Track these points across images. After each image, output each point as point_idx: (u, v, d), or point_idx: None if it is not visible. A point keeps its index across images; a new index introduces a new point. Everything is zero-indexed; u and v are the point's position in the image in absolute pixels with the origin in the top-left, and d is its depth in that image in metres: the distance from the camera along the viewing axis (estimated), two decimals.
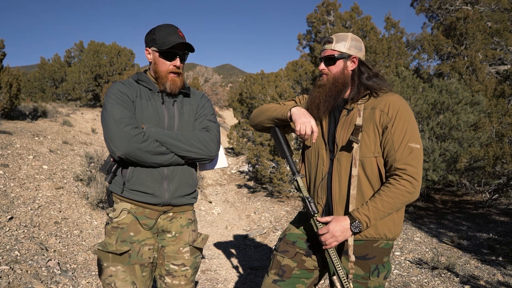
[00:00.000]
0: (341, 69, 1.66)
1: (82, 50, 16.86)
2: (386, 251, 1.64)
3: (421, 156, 1.55)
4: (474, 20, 9.17)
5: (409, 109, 1.59)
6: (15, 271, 2.85)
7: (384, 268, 1.63)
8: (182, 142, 1.64)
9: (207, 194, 7.83)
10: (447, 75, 9.26)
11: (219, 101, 25.85)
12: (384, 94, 1.62)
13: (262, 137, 8.76)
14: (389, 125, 1.54)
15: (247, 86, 13.17)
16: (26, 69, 37.48)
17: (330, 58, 1.66)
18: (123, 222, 1.67)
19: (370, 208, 1.51)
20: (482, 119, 5.86)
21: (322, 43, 1.70)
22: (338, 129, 1.65)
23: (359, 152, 1.57)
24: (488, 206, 6.00)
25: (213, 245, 4.74)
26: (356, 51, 1.67)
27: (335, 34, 1.68)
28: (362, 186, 1.58)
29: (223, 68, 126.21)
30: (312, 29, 12.32)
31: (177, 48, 1.66)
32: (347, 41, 1.65)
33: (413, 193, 1.51)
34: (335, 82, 1.65)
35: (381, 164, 1.57)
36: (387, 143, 1.54)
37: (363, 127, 1.58)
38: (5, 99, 7.96)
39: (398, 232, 1.64)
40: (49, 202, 4.35)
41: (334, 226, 1.54)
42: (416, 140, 1.53)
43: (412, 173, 1.49)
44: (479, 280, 3.40)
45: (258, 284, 3.60)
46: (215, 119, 1.84)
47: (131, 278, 1.65)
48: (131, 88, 1.70)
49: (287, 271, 1.70)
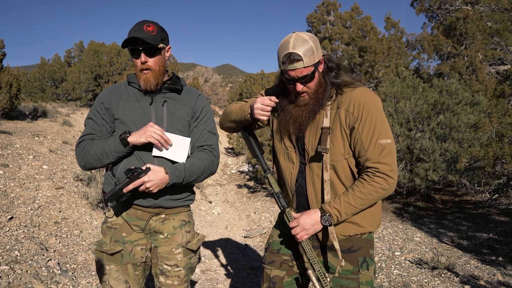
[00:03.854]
0: (318, 79, 1.54)
1: (82, 50, 16.87)
2: (370, 243, 1.62)
3: (393, 150, 1.50)
4: (474, 20, 9.17)
5: (375, 102, 1.50)
6: (15, 271, 2.85)
7: (372, 261, 1.61)
8: (196, 175, 1.69)
9: (207, 194, 7.83)
10: (447, 75, 9.26)
11: (219, 101, 25.84)
12: (348, 89, 1.53)
13: (262, 137, 8.76)
14: (356, 124, 1.48)
15: (247, 86, 13.17)
16: (26, 69, 37.49)
17: (308, 76, 1.48)
18: (116, 222, 1.71)
19: (342, 203, 1.49)
20: (482, 119, 5.86)
21: (286, 61, 1.45)
22: (306, 133, 1.58)
23: (329, 156, 1.52)
24: (488, 206, 6.00)
25: (213, 245, 4.74)
26: (320, 50, 1.51)
27: (294, 46, 1.44)
28: (336, 188, 1.55)
29: (223, 68, 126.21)
30: (312, 29, 12.32)
31: (137, 43, 1.59)
32: (313, 48, 1.46)
33: (388, 189, 1.48)
34: (317, 95, 1.54)
35: (353, 165, 1.54)
36: (356, 143, 1.49)
37: (330, 129, 1.52)
38: (5, 99, 7.96)
39: (379, 223, 1.64)
40: (49, 202, 4.35)
41: (304, 219, 1.53)
42: (385, 135, 1.48)
43: (385, 171, 1.46)
44: (479, 280, 3.40)
45: (258, 284, 3.60)
46: (215, 129, 1.83)
47: (124, 277, 1.69)
48: (115, 92, 1.72)
49: (278, 281, 1.69)
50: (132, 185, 1.52)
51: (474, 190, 6.00)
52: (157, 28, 1.64)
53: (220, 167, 11.15)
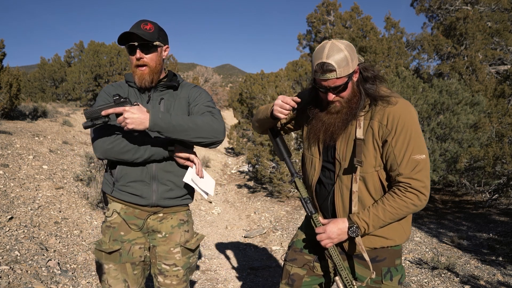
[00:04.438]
0: (351, 89, 1.49)
1: (82, 50, 16.86)
2: (396, 253, 1.60)
3: (427, 166, 1.45)
4: (474, 20, 9.17)
5: (411, 115, 1.45)
6: (15, 271, 2.85)
7: (397, 271, 1.59)
8: (191, 128, 1.54)
9: None
10: (447, 75, 9.26)
11: (219, 101, 25.87)
12: (384, 102, 1.48)
13: (262, 137, 8.76)
14: (389, 138, 1.44)
15: (247, 86, 13.17)
16: (26, 69, 37.50)
17: (340, 87, 1.44)
18: (114, 221, 1.71)
19: (370, 215, 1.47)
20: (482, 119, 5.86)
21: (319, 71, 1.41)
22: (337, 143, 1.55)
23: (359, 170, 1.50)
24: (488, 206, 5.99)
25: (213, 245, 4.74)
26: (356, 60, 1.45)
27: (328, 55, 1.39)
28: (364, 200, 1.52)
29: (223, 68, 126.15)
30: (312, 29, 12.33)
31: (133, 40, 1.60)
32: (347, 58, 1.40)
33: (420, 206, 1.45)
34: (350, 104, 1.50)
35: (383, 178, 1.51)
36: (388, 157, 1.45)
37: (364, 141, 1.48)
38: (5, 99, 7.96)
39: (408, 236, 1.61)
40: (49, 202, 4.35)
41: (331, 227, 1.52)
42: (420, 150, 1.43)
43: (418, 187, 1.42)
44: (479, 280, 3.40)
45: (258, 284, 3.60)
46: (214, 104, 1.76)
47: (123, 276, 1.68)
48: (119, 89, 1.72)
49: (297, 280, 1.69)
50: (112, 109, 1.45)
51: (474, 190, 6.00)
52: (155, 27, 1.65)
53: (220, 167, 11.14)
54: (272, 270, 3.93)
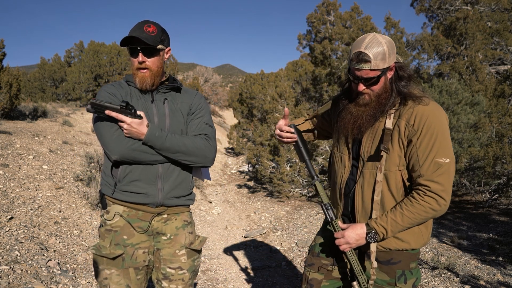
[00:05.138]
0: (383, 84, 1.49)
1: (82, 50, 16.86)
2: (412, 256, 1.58)
3: (451, 171, 1.42)
4: (474, 20, 9.17)
5: (439, 118, 1.43)
6: (15, 271, 2.85)
7: (412, 274, 1.57)
8: (181, 150, 1.62)
9: (207, 194, 7.83)
10: (447, 75, 9.25)
11: (219, 101, 25.85)
12: (414, 102, 1.47)
13: (262, 137, 8.76)
14: (414, 138, 1.43)
15: (247, 86, 13.18)
16: (26, 69, 37.48)
17: (372, 80, 1.45)
18: (116, 225, 1.65)
19: (388, 221, 1.46)
20: (482, 119, 5.86)
21: (355, 59, 1.44)
22: (364, 138, 1.55)
23: (384, 164, 1.48)
24: (488, 206, 5.99)
25: (213, 245, 4.74)
26: (393, 56, 1.46)
27: (366, 46, 1.42)
28: (385, 200, 1.51)
29: (223, 68, 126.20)
30: (312, 29, 12.31)
31: (135, 43, 1.59)
32: (385, 52, 1.42)
33: (439, 211, 1.43)
34: (379, 99, 1.50)
35: (406, 178, 1.49)
36: (412, 157, 1.44)
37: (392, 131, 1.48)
38: (5, 99, 7.96)
39: (426, 241, 1.58)
40: (49, 202, 4.35)
41: (349, 232, 1.52)
42: (445, 154, 1.40)
43: (437, 190, 1.40)
44: (479, 280, 3.40)
45: (258, 284, 3.60)
46: (212, 123, 1.81)
47: (126, 282, 1.64)
48: (120, 88, 1.69)
49: (315, 284, 1.69)
50: (115, 114, 1.49)
51: (474, 190, 6.00)
52: (157, 29, 1.63)
53: (220, 167, 11.14)
54: (272, 270, 3.93)
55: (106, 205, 1.69)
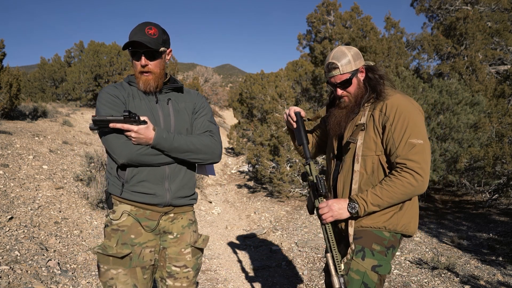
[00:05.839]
0: (357, 85, 1.73)
1: (82, 50, 16.86)
2: (377, 238, 1.64)
3: (426, 151, 1.56)
4: (474, 20, 9.17)
5: (408, 105, 1.62)
6: (15, 271, 2.85)
7: (373, 255, 1.61)
8: (191, 149, 1.66)
9: (207, 194, 7.83)
10: (447, 75, 9.25)
11: (219, 101, 25.84)
12: (386, 96, 1.68)
13: (262, 137, 8.76)
14: (387, 124, 1.61)
15: (247, 86, 13.18)
16: (26, 69, 37.48)
17: (345, 82, 1.70)
18: (123, 224, 1.65)
19: (369, 194, 1.59)
20: (482, 119, 5.86)
21: (327, 70, 1.73)
22: (345, 132, 1.76)
23: (361, 150, 1.67)
24: (488, 206, 6.00)
25: (213, 245, 4.74)
26: (359, 61, 1.72)
27: (333, 57, 1.70)
28: (364, 181, 1.66)
29: (223, 68, 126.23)
30: (312, 29, 12.31)
31: (137, 46, 1.60)
32: (349, 58, 1.68)
33: (417, 186, 1.53)
34: (357, 99, 1.73)
35: (384, 162, 1.65)
36: (388, 141, 1.61)
37: (365, 125, 1.68)
38: (5, 99, 7.96)
39: (403, 228, 1.65)
40: (49, 202, 4.35)
41: (333, 202, 1.65)
42: (418, 135, 1.56)
43: (413, 167, 1.53)
44: (479, 280, 3.40)
45: (258, 284, 3.60)
46: (214, 120, 1.85)
47: (133, 281, 1.64)
48: (122, 89, 1.69)
49: None
50: (120, 125, 1.50)
51: (474, 190, 6.00)
52: (158, 31, 1.64)
53: (220, 167, 11.14)
54: (272, 270, 3.93)
55: (112, 204, 1.69)
